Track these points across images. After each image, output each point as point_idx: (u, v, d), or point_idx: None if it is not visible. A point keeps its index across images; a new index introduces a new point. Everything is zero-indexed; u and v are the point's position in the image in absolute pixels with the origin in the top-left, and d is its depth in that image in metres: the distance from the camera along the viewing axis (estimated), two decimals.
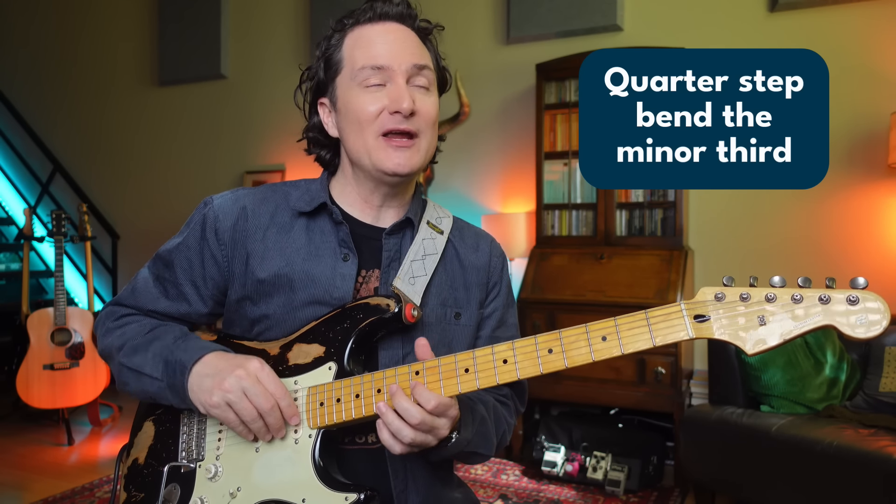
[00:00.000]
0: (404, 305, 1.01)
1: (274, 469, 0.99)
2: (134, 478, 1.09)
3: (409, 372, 0.94)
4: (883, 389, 2.59)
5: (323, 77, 1.10)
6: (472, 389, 0.92)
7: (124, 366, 1.08)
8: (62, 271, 3.88)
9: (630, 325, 0.86)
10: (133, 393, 1.09)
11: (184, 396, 1.01)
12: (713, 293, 0.84)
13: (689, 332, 0.84)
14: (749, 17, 3.43)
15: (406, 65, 1.04)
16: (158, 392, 1.05)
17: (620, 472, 2.96)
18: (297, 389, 1.01)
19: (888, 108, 3.09)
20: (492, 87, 4.04)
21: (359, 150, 1.05)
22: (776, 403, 2.63)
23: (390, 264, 1.10)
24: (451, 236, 1.17)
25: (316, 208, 1.10)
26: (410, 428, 0.91)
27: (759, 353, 0.80)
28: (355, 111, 1.04)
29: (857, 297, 0.78)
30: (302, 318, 1.06)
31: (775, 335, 0.80)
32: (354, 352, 1.01)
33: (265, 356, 1.05)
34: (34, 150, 5.61)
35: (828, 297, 0.79)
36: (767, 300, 0.81)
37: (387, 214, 1.13)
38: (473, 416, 1.04)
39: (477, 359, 0.92)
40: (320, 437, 0.98)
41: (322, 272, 1.06)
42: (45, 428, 4.01)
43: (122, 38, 5.40)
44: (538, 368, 0.89)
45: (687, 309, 0.84)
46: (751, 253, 3.41)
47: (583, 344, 0.88)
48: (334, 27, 1.10)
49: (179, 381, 1.01)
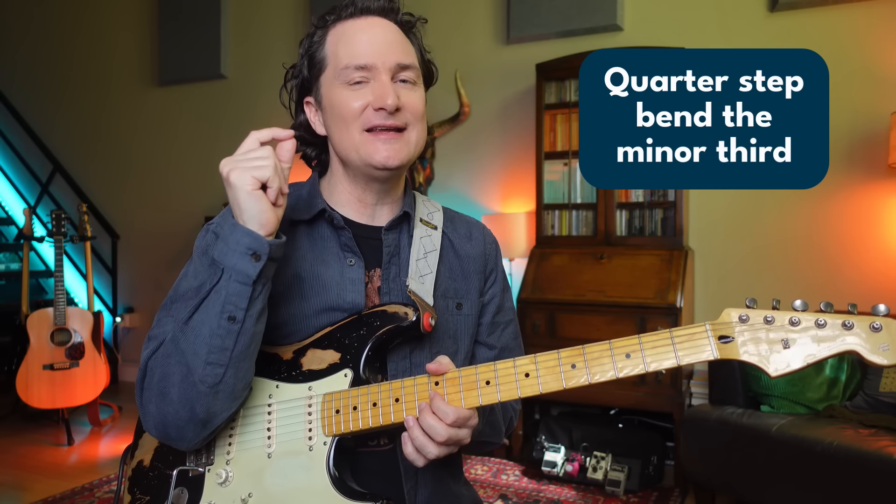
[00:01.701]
0: (422, 314, 1.00)
1: (287, 476, 0.97)
2: (139, 480, 1.07)
3: (428, 382, 0.94)
4: (883, 389, 2.59)
5: (307, 75, 1.09)
6: (493, 402, 0.92)
7: (183, 343, 0.94)
8: (62, 271, 3.88)
9: (654, 343, 0.86)
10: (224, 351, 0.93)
11: (233, 238, 0.91)
12: (737, 315, 0.84)
13: (713, 352, 0.84)
14: (749, 17, 3.43)
15: (390, 63, 1.03)
16: (224, 285, 0.92)
17: (620, 473, 2.96)
18: (312, 395, 0.99)
19: (888, 108, 3.09)
20: (492, 87, 4.04)
21: (346, 146, 1.04)
22: (776, 403, 2.63)
23: (391, 260, 1.09)
24: (444, 229, 1.17)
25: (315, 215, 1.09)
26: (435, 444, 0.91)
27: (782, 375, 0.81)
28: (339, 108, 1.03)
29: (881, 324, 0.79)
30: (316, 326, 1.05)
31: (799, 359, 0.81)
32: (370, 359, 1.00)
33: (278, 360, 1.03)
34: (34, 150, 5.61)
35: (851, 324, 0.80)
36: (791, 324, 0.82)
37: (381, 212, 1.13)
38: (484, 408, 1.03)
39: (498, 371, 0.92)
40: (335, 444, 0.97)
41: (330, 278, 1.06)
42: (45, 428, 4.01)
43: (122, 38, 5.40)
44: (561, 383, 0.89)
45: (712, 330, 0.84)
46: (751, 253, 3.41)
47: (606, 360, 0.87)
48: (316, 24, 1.09)
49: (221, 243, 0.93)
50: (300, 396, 1.00)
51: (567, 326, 3.23)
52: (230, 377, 0.93)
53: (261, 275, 0.91)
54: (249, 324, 0.92)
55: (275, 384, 1.02)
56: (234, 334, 0.91)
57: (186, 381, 0.92)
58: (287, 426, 0.99)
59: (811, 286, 3.28)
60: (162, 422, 0.95)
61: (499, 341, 1.19)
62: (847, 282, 3.21)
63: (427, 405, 0.92)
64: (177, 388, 0.93)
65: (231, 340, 0.91)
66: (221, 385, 0.92)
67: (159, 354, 0.96)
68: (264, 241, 0.90)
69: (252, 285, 0.91)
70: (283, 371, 1.03)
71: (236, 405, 0.98)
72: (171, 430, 0.95)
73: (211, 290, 0.92)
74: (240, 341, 0.92)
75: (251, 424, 1.01)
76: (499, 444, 1.12)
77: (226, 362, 0.92)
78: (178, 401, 0.93)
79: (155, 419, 0.96)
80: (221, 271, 0.91)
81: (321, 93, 1.07)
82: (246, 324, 0.92)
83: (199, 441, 0.98)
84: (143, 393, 0.98)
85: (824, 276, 3.26)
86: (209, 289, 0.92)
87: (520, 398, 0.91)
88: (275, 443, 0.99)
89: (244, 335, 0.92)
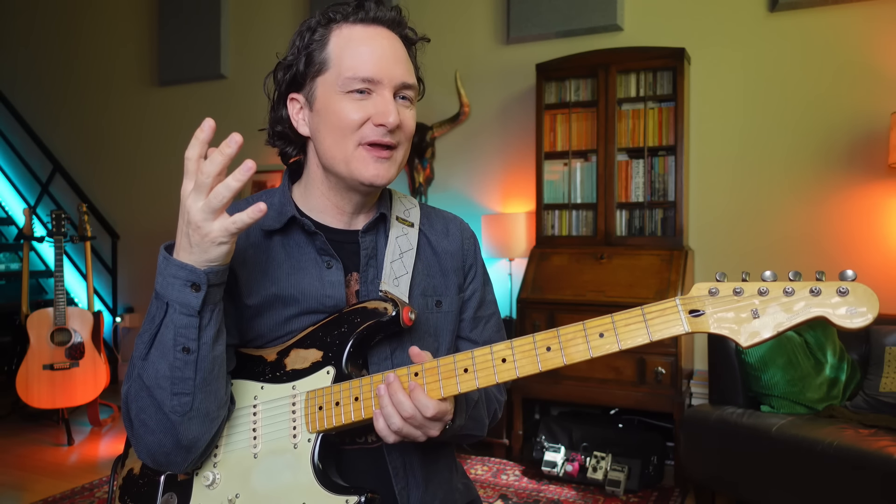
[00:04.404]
0: (401, 309, 1.00)
1: (273, 475, 0.98)
2: (129, 489, 1.08)
3: (408, 374, 0.94)
4: (883, 389, 2.59)
5: (302, 71, 1.04)
6: (471, 389, 0.92)
7: (144, 377, 0.93)
8: (62, 271, 3.88)
9: (626, 321, 0.87)
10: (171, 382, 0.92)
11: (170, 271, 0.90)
12: (707, 288, 0.85)
13: (684, 326, 0.85)
14: (749, 17, 3.43)
15: (396, 80, 1.01)
16: (170, 319, 0.91)
17: (620, 473, 2.96)
18: (296, 394, 1.00)
19: (888, 108, 3.09)
20: (492, 87, 4.04)
21: (335, 156, 1.02)
22: (776, 403, 2.63)
23: (368, 262, 1.09)
24: (421, 226, 1.16)
25: (286, 224, 1.07)
26: (401, 419, 0.91)
27: (754, 345, 0.83)
28: (337, 117, 1.00)
29: (847, 288, 0.80)
30: (297, 328, 1.05)
31: (769, 327, 0.82)
32: (352, 355, 1.01)
33: (262, 362, 1.04)
34: (34, 150, 5.62)
35: (818, 290, 0.81)
36: (760, 294, 0.83)
37: (358, 219, 1.12)
38: (468, 403, 1.04)
39: (476, 359, 0.92)
40: (319, 440, 0.98)
41: (310, 284, 1.05)
42: (45, 428, 4.02)
43: (122, 38, 5.40)
44: (537, 366, 0.89)
45: (682, 304, 0.85)
46: (751, 253, 3.42)
47: (580, 341, 0.88)
48: (318, 20, 1.04)
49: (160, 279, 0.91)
50: (284, 396, 1.01)
51: None
52: (200, 402, 0.93)
53: (205, 302, 0.90)
54: (205, 351, 0.92)
55: (259, 385, 1.03)
56: (192, 364, 0.91)
57: (160, 411, 0.92)
58: (272, 426, 1.00)
59: None
60: (149, 451, 0.96)
61: (481, 336, 1.19)
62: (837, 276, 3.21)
63: (396, 379, 0.93)
64: (153, 419, 0.93)
65: (191, 370, 0.91)
66: (193, 411, 0.93)
67: (132, 389, 0.95)
68: (200, 272, 0.88)
69: (198, 315, 0.90)
70: (268, 372, 1.03)
71: (215, 426, 0.97)
72: (160, 458, 0.96)
73: (161, 324, 0.91)
74: (200, 368, 0.92)
75: (237, 426, 1.02)
76: (481, 437, 1.13)
77: (191, 391, 0.92)
78: (157, 430, 0.94)
79: (143, 449, 0.97)
80: (166, 305, 0.90)
81: (315, 94, 1.03)
82: (202, 352, 0.91)
83: (190, 464, 0.98)
84: (127, 423, 0.98)
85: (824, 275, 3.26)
86: (159, 322, 0.91)
87: (497, 383, 0.92)
88: (260, 443, 1.00)
89: (203, 362, 0.92)
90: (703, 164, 3.53)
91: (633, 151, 3.46)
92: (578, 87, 3.58)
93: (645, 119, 3.42)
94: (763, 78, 3.40)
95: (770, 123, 3.39)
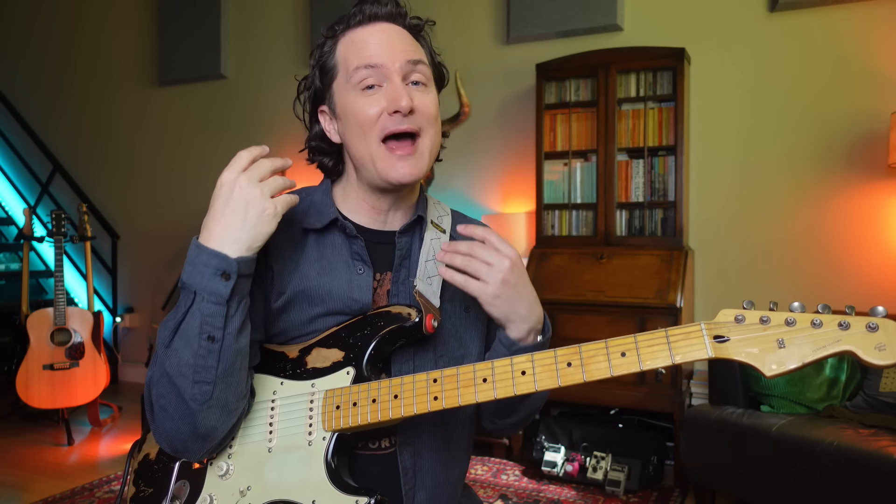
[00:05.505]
0: (425, 315, 1.01)
1: (286, 469, 0.99)
2: (144, 473, 1.10)
3: (427, 379, 0.95)
4: (883, 389, 2.59)
5: (319, 85, 1.09)
6: (489, 399, 0.93)
7: (168, 365, 0.95)
8: (62, 271, 3.89)
9: (649, 341, 0.86)
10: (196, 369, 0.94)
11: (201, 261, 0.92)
12: (733, 315, 0.84)
13: (708, 351, 0.84)
14: (749, 17, 3.43)
15: (400, 62, 1.03)
16: (197, 307, 0.93)
17: (620, 473, 2.96)
18: (314, 392, 1.01)
19: (888, 108, 3.09)
20: (492, 87, 4.04)
21: (363, 156, 1.05)
22: (776, 403, 2.63)
23: (401, 263, 1.10)
24: (452, 234, 1.18)
25: (327, 224, 1.09)
26: (474, 258, 0.99)
27: (777, 375, 0.81)
28: (355, 115, 1.03)
29: (877, 324, 0.78)
30: (321, 328, 1.06)
31: (794, 358, 0.80)
32: (373, 358, 1.02)
33: (284, 358, 1.05)
34: (34, 150, 5.62)
35: (847, 324, 0.79)
36: (787, 324, 0.81)
37: (395, 218, 1.13)
38: None
39: (496, 369, 0.93)
40: (334, 440, 0.98)
41: (338, 286, 1.06)
42: (45, 428, 4.02)
43: (123, 39, 5.40)
44: (556, 381, 0.90)
45: (707, 329, 0.84)
46: (751, 253, 3.42)
47: (602, 358, 0.88)
48: (326, 34, 1.09)
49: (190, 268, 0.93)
50: (303, 393, 1.02)
51: (567, 326, 3.23)
52: (220, 392, 0.95)
53: (234, 292, 0.92)
54: (229, 341, 0.94)
55: (279, 381, 1.04)
56: (216, 353, 0.93)
57: (180, 398, 0.94)
58: (288, 421, 1.01)
59: (811, 286, 3.28)
60: (167, 436, 0.98)
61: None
62: (847, 282, 3.21)
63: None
64: (173, 405, 0.95)
65: (214, 359, 0.93)
66: (213, 400, 0.94)
67: (155, 374, 0.97)
68: (231, 261, 0.91)
69: (226, 304, 0.92)
70: (288, 369, 1.04)
71: (234, 418, 0.99)
72: (177, 444, 0.98)
73: (186, 313, 0.93)
74: (223, 359, 0.93)
75: (254, 419, 1.03)
76: (529, 422, 1.16)
77: (212, 380, 0.93)
78: (176, 417, 0.95)
79: (161, 434, 0.98)
80: (194, 293, 0.92)
81: (335, 101, 1.07)
82: (226, 342, 0.93)
83: (206, 453, 1.00)
84: (148, 408, 1.00)
85: (824, 275, 3.26)
86: (184, 311, 0.93)
87: (515, 395, 0.92)
88: (276, 437, 1.01)
89: (226, 352, 0.93)
90: (702, 164, 3.53)
91: (632, 151, 3.46)
92: (578, 87, 3.58)
93: (645, 119, 3.42)
94: (763, 78, 3.40)
95: (770, 123, 3.39)
